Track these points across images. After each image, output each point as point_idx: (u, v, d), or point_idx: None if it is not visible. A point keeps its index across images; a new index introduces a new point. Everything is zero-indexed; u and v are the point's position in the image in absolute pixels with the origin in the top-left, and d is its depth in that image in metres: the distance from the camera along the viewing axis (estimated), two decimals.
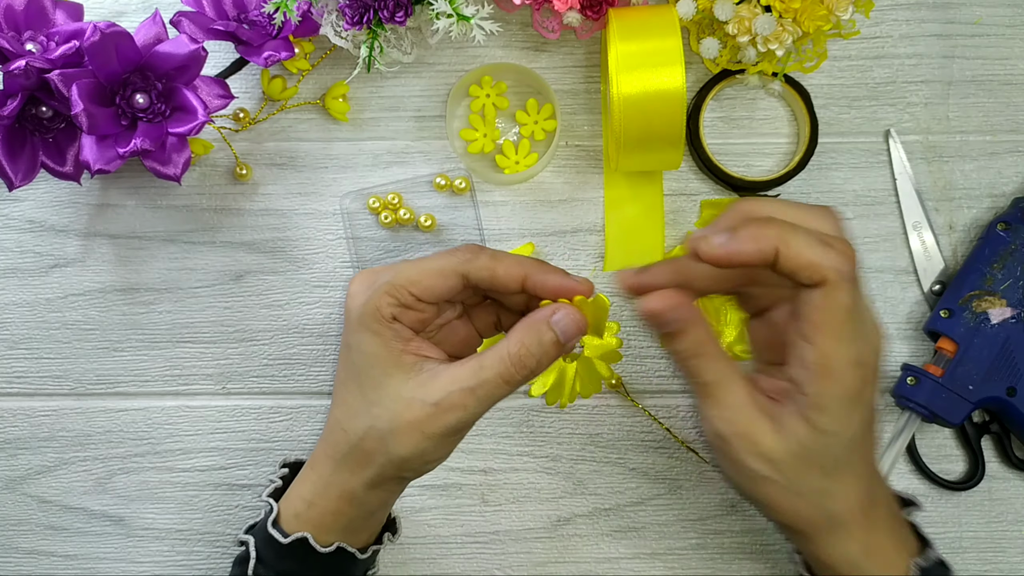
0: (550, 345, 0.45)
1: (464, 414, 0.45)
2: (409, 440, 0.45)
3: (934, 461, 0.60)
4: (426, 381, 0.45)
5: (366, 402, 0.46)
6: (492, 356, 0.44)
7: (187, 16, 0.55)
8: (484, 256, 0.46)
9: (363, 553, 0.50)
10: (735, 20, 0.56)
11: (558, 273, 0.46)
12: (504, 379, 0.44)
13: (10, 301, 0.62)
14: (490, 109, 0.61)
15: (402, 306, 0.45)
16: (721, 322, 0.60)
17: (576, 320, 0.45)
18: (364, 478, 0.47)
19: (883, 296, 0.61)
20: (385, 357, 0.45)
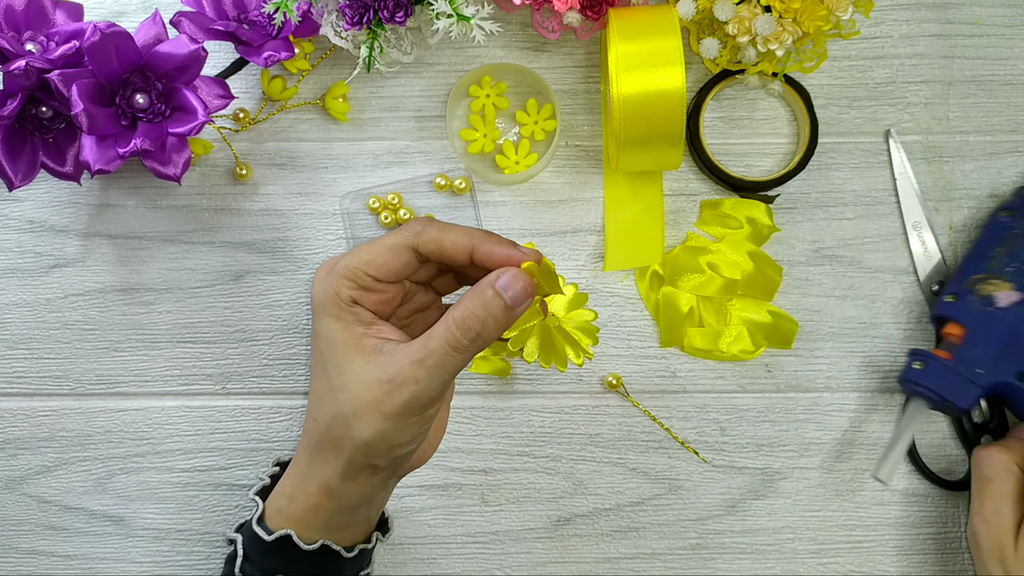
0: (495, 307, 0.44)
1: (416, 388, 0.44)
2: (369, 421, 0.44)
3: (934, 461, 0.60)
4: (384, 361, 0.45)
5: (331, 388, 0.46)
6: (439, 325, 0.44)
7: (187, 16, 0.55)
8: (432, 228, 0.46)
9: (349, 552, 0.50)
10: (735, 20, 0.56)
11: (506, 244, 0.45)
12: (451, 345, 0.44)
13: (10, 301, 0.62)
14: (490, 109, 0.61)
15: (361, 288, 0.46)
16: (721, 322, 0.60)
17: (521, 280, 0.44)
18: (337, 467, 0.47)
19: (883, 296, 0.61)
20: (346, 341, 0.45)
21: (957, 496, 0.60)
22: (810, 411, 0.61)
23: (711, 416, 0.61)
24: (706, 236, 0.61)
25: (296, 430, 0.61)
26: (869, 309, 0.61)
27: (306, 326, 0.61)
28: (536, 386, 0.61)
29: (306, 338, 0.61)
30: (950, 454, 0.60)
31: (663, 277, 0.60)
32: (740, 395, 0.61)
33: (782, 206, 0.61)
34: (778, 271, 0.60)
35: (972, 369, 0.56)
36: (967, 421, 0.59)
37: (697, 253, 0.60)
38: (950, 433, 0.61)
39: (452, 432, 0.61)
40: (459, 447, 0.61)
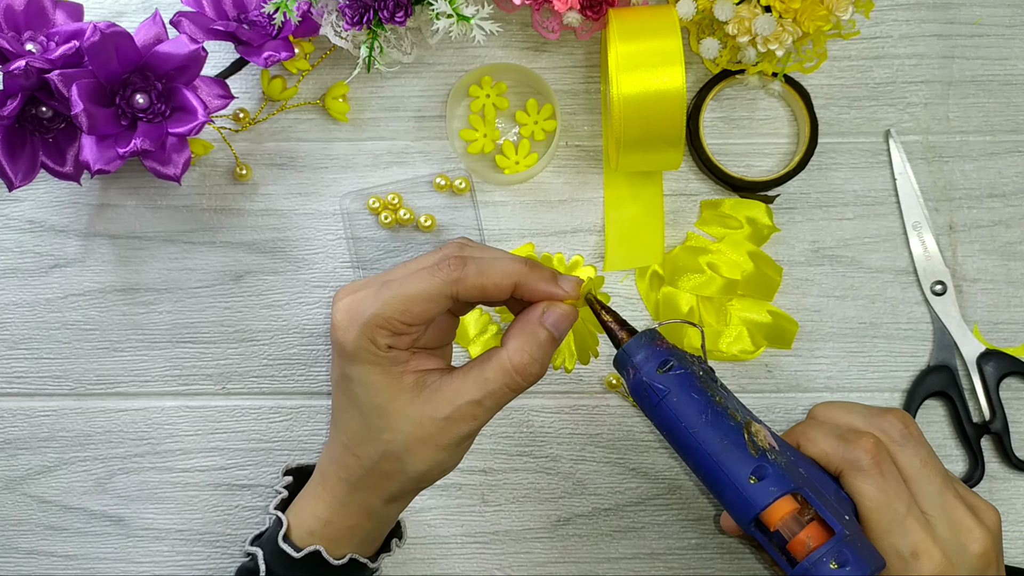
0: (547, 344, 0.45)
1: (475, 423, 0.45)
2: (425, 455, 0.45)
3: None
4: (431, 397, 0.45)
5: (375, 428, 0.46)
6: (495, 367, 0.45)
7: (187, 16, 0.55)
8: (471, 273, 0.44)
9: (374, 562, 0.51)
10: (735, 20, 0.56)
11: (547, 280, 0.45)
12: (510, 388, 0.45)
13: (10, 301, 0.62)
14: (490, 109, 0.61)
15: (395, 335, 0.45)
16: (721, 322, 0.60)
17: (567, 314, 0.46)
18: (384, 495, 0.48)
19: (883, 296, 0.61)
20: (387, 384, 0.45)
21: None
22: None
23: None
24: (706, 236, 0.61)
25: (296, 429, 0.61)
26: (869, 309, 0.61)
27: (306, 326, 0.61)
28: (536, 386, 0.61)
29: (306, 338, 0.61)
30: (950, 454, 0.60)
31: (663, 277, 0.60)
32: (740, 395, 0.60)
33: (782, 206, 0.61)
34: (778, 271, 0.60)
35: None
36: (967, 421, 0.59)
37: (697, 253, 0.60)
38: (950, 433, 0.61)
39: None
40: None
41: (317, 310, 0.61)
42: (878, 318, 0.61)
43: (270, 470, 0.61)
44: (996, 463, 0.60)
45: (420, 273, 0.44)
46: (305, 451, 0.61)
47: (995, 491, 0.60)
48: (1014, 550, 0.60)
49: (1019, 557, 0.60)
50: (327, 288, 0.61)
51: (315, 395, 0.61)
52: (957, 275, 0.61)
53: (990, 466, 0.60)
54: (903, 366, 0.61)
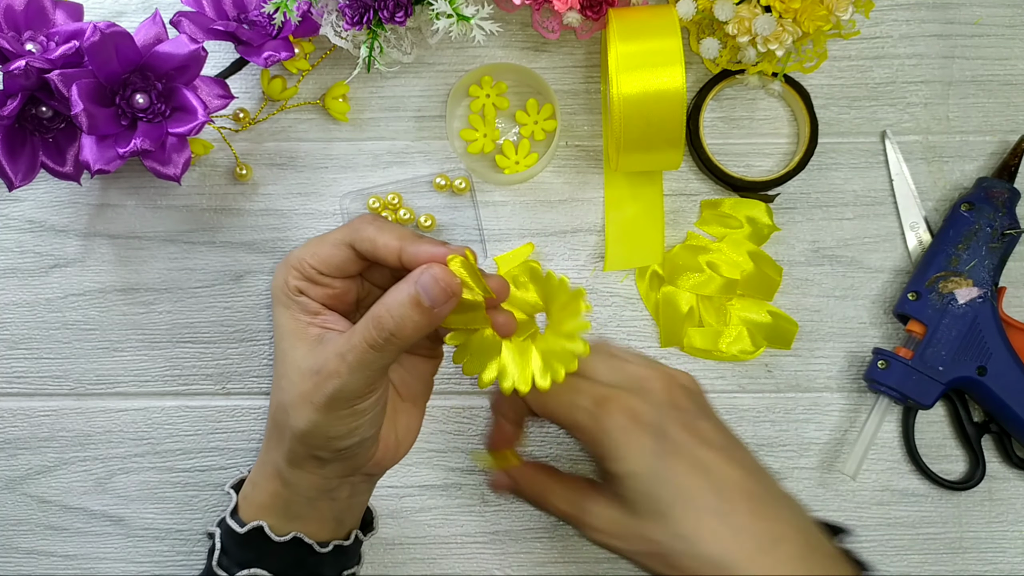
0: (408, 303, 0.42)
1: (339, 382, 0.43)
2: (302, 412, 0.44)
3: (934, 461, 0.60)
4: (318, 351, 0.44)
5: (277, 376, 0.46)
6: (362, 322, 0.43)
7: (187, 16, 0.55)
8: (370, 228, 0.45)
9: (323, 547, 0.49)
10: (735, 20, 0.56)
11: (433, 244, 0.44)
12: (368, 343, 0.42)
13: (10, 301, 0.62)
14: (490, 109, 0.61)
15: (306, 279, 0.46)
16: (721, 322, 0.60)
17: (439, 277, 0.42)
18: (283, 455, 0.47)
19: (882, 296, 0.61)
20: (292, 330, 0.46)
21: (957, 496, 0.60)
22: (810, 411, 0.61)
23: None
24: (706, 236, 0.61)
25: None
26: (869, 309, 0.61)
27: None
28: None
29: None
30: (950, 454, 0.60)
31: (663, 277, 0.60)
32: (740, 395, 0.61)
33: (782, 206, 0.61)
34: (778, 271, 0.60)
35: (933, 367, 0.57)
36: (967, 421, 0.59)
37: (697, 252, 0.60)
38: (950, 433, 0.61)
39: (452, 432, 0.61)
40: (459, 447, 0.61)
41: None
42: (878, 318, 0.61)
43: None
44: (996, 463, 0.60)
45: (336, 229, 0.47)
46: None
47: (995, 491, 0.60)
48: (1014, 550, 0.60)
49: (1018, 559, 0.60)
50: None
51: None
52: None
53: (991, 466, 0.60)
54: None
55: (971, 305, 0.57)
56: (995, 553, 0.60)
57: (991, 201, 0.58)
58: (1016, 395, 0.57)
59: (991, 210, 0.58)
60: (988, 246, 0.57)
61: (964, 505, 0.60)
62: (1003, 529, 0.60)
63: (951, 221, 0.59)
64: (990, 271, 0.57)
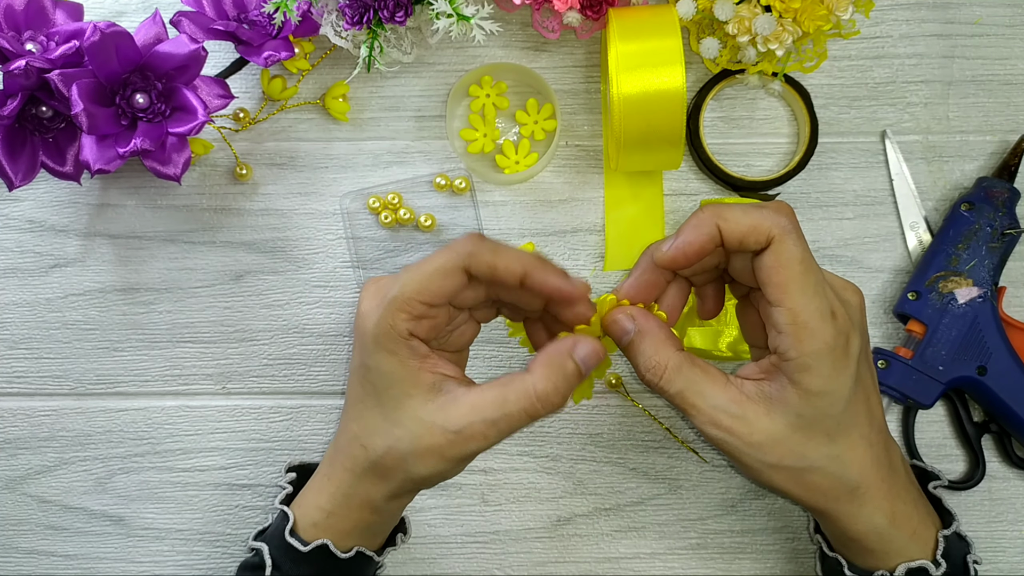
0: (573, 378, 0.45)
1: (485, 443, 0.45)
2: (429, 463, 0.45)
3: (934, 461, 0.60)
4: (446, 405, 0.45)
5: (387, 422, 0.46)
6: (517, 390, 0.44)
7: (187, 16, 0.55)
8: (485, 251, 0.45)
9: (379, 555, 0.51)
10: (735, 20, 0.56)
11: (557, 274, 0.46)
12: (528, 414, 0.44)
13: (10, 301, 0.62)
14: (490, 109, 0.61)
15: (416, 318, 0.45)
16: (722, 321, 0.60)
17: (596, 351, 0.45)
18: (385, 491, 0.48)
19: (882, 296, 0.61)
20: (404, 377, 0.45)
21: (956, 494, 0.60)
22: None
23: None
24: None
25: (296, 429, 0.61)
26: (869, 309, 0.61)
27: (306, 326, 0.61)
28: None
29: (306, 338, 0.61)
30: (950, 454, 0.60)
31: None
32: None
33: None
34: None
35: (933, 366, 0.57)
36: (967, 421, 0.59)
37: None
38: (950, 433, 0.61)
39: None
40: None
41: (317, 310, 0.61)
42: (878, 318, 0.61)
43: (270, 470, 0.61)
44: (997, 462, 0.60)
45: (438, 252, 0.46)
46: (305, 451, 0.61)
47: (996, 491, 0.60)
48: (1014, 549, 0.60)
49: (1018, 559, 0.60)
50: (327, 288, 0.61)
51: (315, 395, 0.61)
52: None
53: (991, 465, 0.60)
54: None
55: (971, 305, 0.57)
56: (995, 553, 0.60)
57: (991, 201, 0.58)
58: (1016, 395, 0.57)
59: (991, 210, 0.58)
60: (988, 246, 0.57)
61: (964, 505, 0.60)
62: (1003, 529, 0.60)
63: (951, 221, 0.59)
64: (990, 271, 0.57)
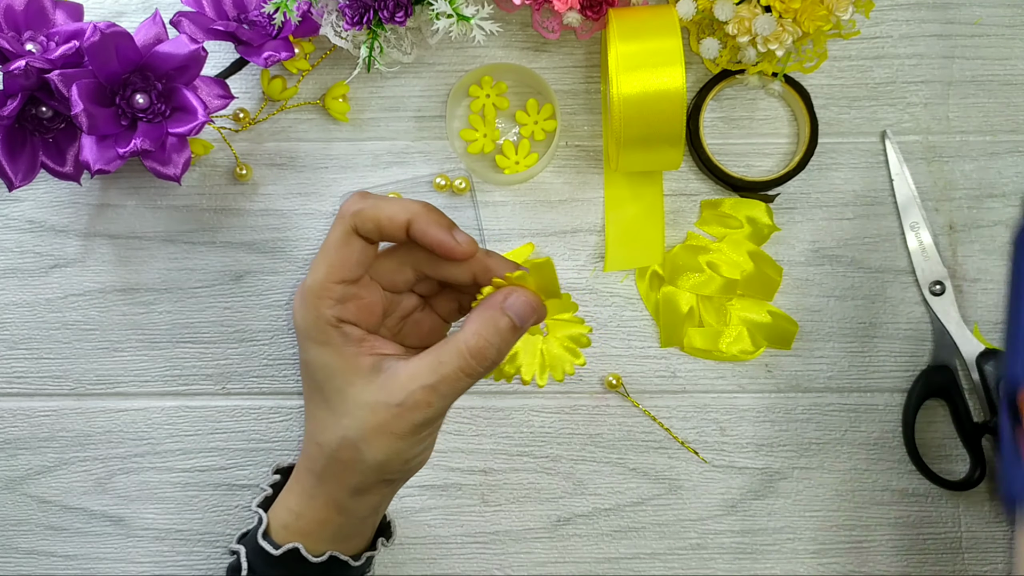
0: (507, 331, 0.44)
1: (429, 411, 0.44)
2: (381, 444, 0.44)
3: (934, 461, 0.60)
4: (386, 382, 0.44)
5: (334, 414, 0.45)
6: (450, 350, 0.43)
7: (187, 16, 0.55)
8: (367, 206, 0.44)
9: (356, 560, 0.50)
10: (735, 20, 0.56)
11: (442, 226, 0.44)
12: (464, 372, 0.43)
13: (10, 301, 0.62)
14: (490, 109, 0.61)
15: (338, 302, 0.44)
16: (721, 322, 0.60)
17: (529, 302, 0.44)
18: (348, 487, 0.47)
19: (883, 296, 0.61)
20: (341, 366, 0.45)
21: (957, 496, 0.60)
22: (810, 411, 0.61)
23: (711, 416, 0.61)
24: (706, 236, 0.61)
25: (296, 430, 0.61)
26: (869, 309, 0.61)
27: None
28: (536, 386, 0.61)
29: None
30: (950, 454, 0.60)
31: (663, 277, 0.60)
32: (740, 395, 0.61)
33: (782, 206, 0.61)
34: (778, 271, 0.60)
35: None
36: (967, 421, 0.59)
37: (697, 252, 0.60)
38: (950, 433, 0.61)
39: (452, 432, 0.61)
40: (459, 447, 0.61)
41: None
42: (878, 318, 0.61)
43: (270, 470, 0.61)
44: (997, 463, 0.60)
45: (330, 229, 0.45)
46: None
47: (995, 491, 0.60)
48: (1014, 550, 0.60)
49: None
50: None
51: None
52: (957, 275, 0.61)
53: (991, 465, 0.60)
54: (903, 366, 0.61)
55: None
56: (995, 553, 0.60)
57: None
58: None
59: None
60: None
61: (964, 505, 0.60)
62: (1003, 529, 0.60)
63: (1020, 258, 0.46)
64: None
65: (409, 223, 0.44)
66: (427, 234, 0.44)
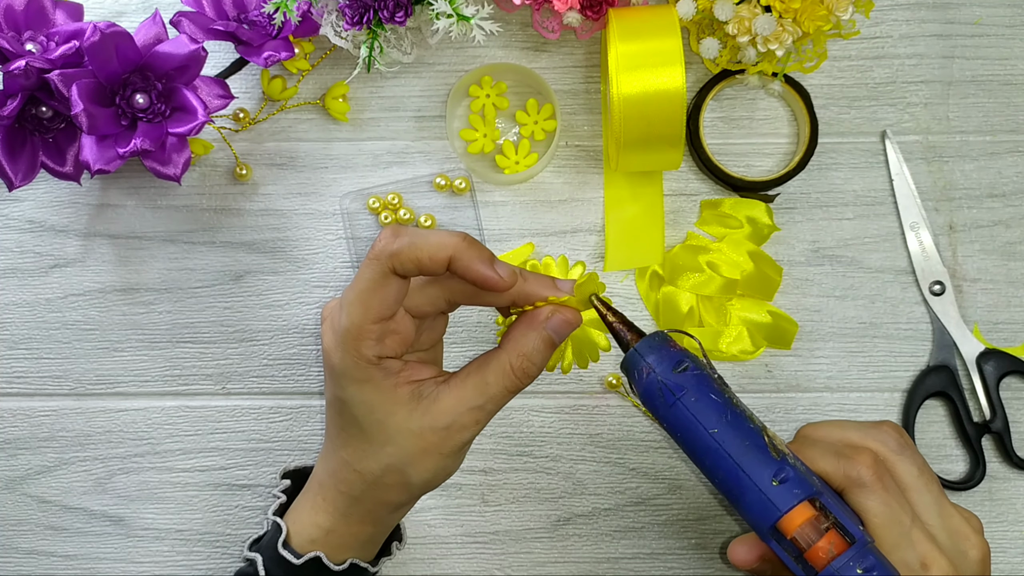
0: (546, 348, 0.46)
1: (477, 428, 0.46)
2: (429, 464, 0.46)
3: (934, 461, 0.60)
4: (429, 407, 0.45)
5: (375, 444, 0.46)
6: (495, 371, 0.45)
7: (187, 16, 0.55)
8: (404, 245, 0.43)
9: (375, 566, 0.51)
10: (735, 20, 0.56)
11: (483, 261, 0.43)
12: (510, 391, 0.45)
13: (10, 301, 0.62)
14: (490, 109, 0.61)
15: (377, 341, 0.44)
16: (721, 322, 0.60)
17: (568, 320, 0.46)
18: (390, 506, 0.48)
19: (883, 296, 0.61)
20: (382, 400, 0.45)
21: (956, 495, 0.60)
22: (810, 411, 0.61)
23: None
24: (706, 236, 0.61)
25: (296, 429, 0.61)
26: (869, 309, 0.61)
27: (306, 326, 0.61)
28: (536, 386, 0.61)
29: (306, 338, 0.61)
30: (950, 454, 0.60)
31: (663, 277, 0.60)
32: (740, 395, 0.61)
33: (782, 206, 0.61)
34: (778, 271, 0.60)
35: None
36: (967, 421, 0.59)
37: (697, 252, 0.60)
38: (950, 433, 0.61)
39: None
40: None
41: (317, 310, 0.61)
42: (878, 318, 0.61)
43: (270, 470, 0.61)
44: (997, 463, 0.60)
45: (363, 266, 0.44)
46: (305, 451, 0.61)
47: (996, 491, 0.60)
48: (1014, 550, 0.60)
49: (1018, 559, 0.60)
50: (327, 288, 0.61)
51: (315, 395, 0.61)
52: (957, 275, 0.61)
53: (991, 466, 0.60)
54: (903, 366, 0.61)
55: None
56: (995, 553, 0.60)
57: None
58: None
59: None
60: None
61: (964, 505, 0.60)
62: (1003, 529, 0.60)
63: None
64: None
65: (451, 260, 0.43)
66: (469, 270, 0.44)
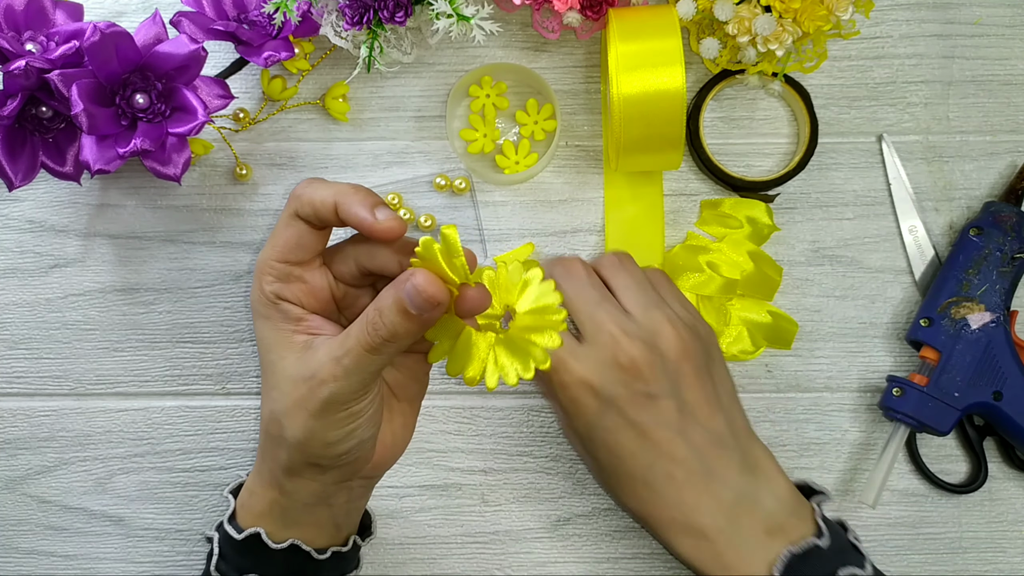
0: (397, 311, 0.41)
1: (335, 385, 0.42)
2: (299, 419, 0.44)
3: (935, 462, 0.60)
4: (307, 357, 0.44)
5: (267, 387, 0.46)
6: (358, 324, 0.42)
7: (187, 16, 0.55)
8: (305, 190, 0.43)
9: (320, 553, 0.49)
10: (735, 20, 0.56)
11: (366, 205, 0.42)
12: (364, 346, 0.41)
13: (10, 301, 0.62)
14: (490, 109, 0.61)
15: (278, 280, 0.45)
16: (721, 322, 0.60)
17: (421, 288, 0.39)
18: (280, 465, 0.46)
19: (883, 296, 0.61)
20: (277, 340, 0.45)
21: (957, 496, 0.60)
22: (810, 411, 0.61)
23: None
24: (706, 236, 0.61)
25: None
26: (869, 309, 0.61)
27: None
28: (536, 386, 0.61)
29: None
30: (950, 454, 0.60)
31: None
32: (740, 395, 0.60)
33: (782, 206, 0.61)
34: (778, 271, 0.60)
35: (949, 393, 0.57)
36: (969, 424, 0.59)
37: (697, 252, 0.60)
38: (952, 434, 0.60)
39: (452, 432, 0.61)
40: (459, 447, 0.61)
41: None
42: (878, 318, 0.61)
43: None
44: (997, 463, 0.60)
45: None
46: None
47: (996, 492, 0.60)
48: (1014, 550, 0.60)
49: (1018, 559, 0.60)
50: None
51: None
52: None
53: (992, 466, 0.60)
54: (903, 366, 0.61)
55: (984, 330, 0.56)
56: (995, 553, 0.60)
57: (999, 225, 0.58)
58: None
59: (1000, 234, 0.58)
60: (999, 270, 0.57)
61: (964, 505, 0.60)
62: (1003, 529, 0.60)
63: (960, 246, 0.59)
64: (1002, 295, 0.57)
65: (336, 205, 0.43)
66: (350, 214, 0.42)
